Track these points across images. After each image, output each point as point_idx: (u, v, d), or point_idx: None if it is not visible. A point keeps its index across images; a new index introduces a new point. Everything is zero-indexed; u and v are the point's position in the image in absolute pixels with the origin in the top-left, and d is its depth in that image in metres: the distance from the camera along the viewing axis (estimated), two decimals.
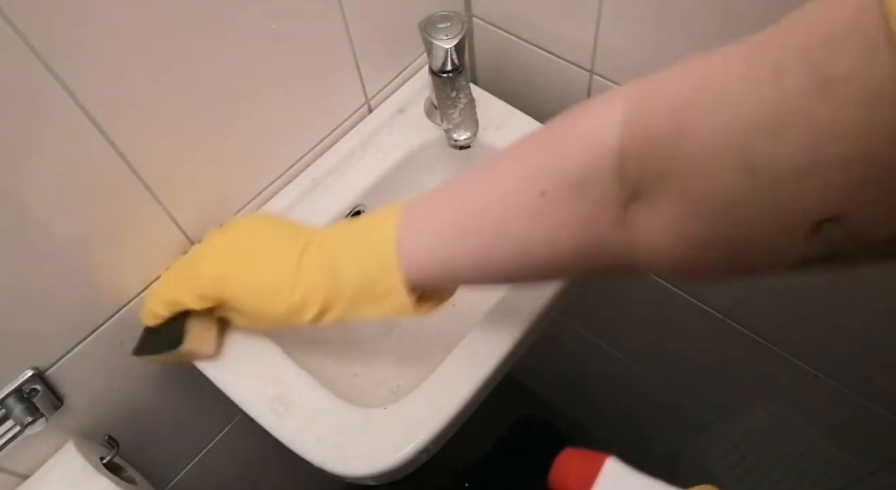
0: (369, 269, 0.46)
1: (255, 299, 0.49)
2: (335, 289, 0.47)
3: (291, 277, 0.48)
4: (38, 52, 0.42)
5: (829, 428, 0.87)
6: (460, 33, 0.60)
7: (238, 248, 0.52)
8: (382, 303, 0.47)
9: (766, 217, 0.29)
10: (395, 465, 0.51)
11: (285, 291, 0.48)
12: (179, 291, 0.52)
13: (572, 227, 0.38)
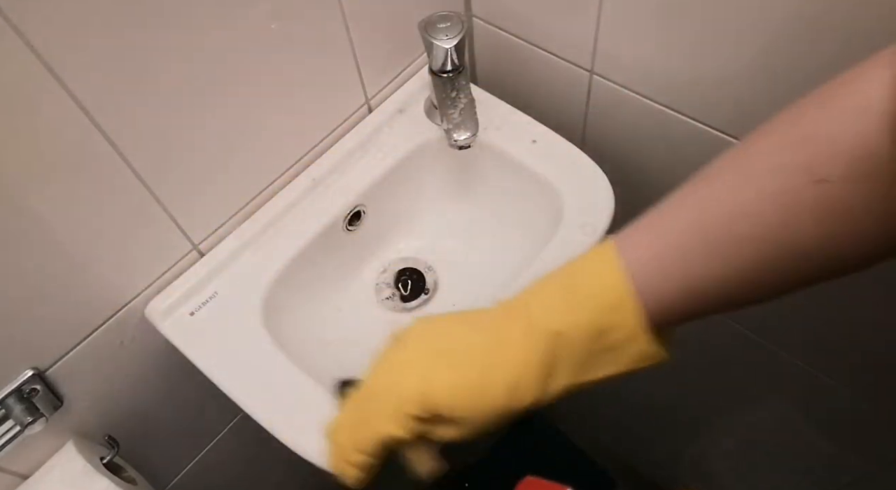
0: (594, 319, 0.38)
1: (466, 398, 0.40)
2: (555, 351, 0.39)
3: (498, 358, 0.40)
4: (38, 52, 0.42)
5: (829, 428, 0.87)
6: (460, 33, 0.60)
7: (428, 350, 0.43)
8: (620, 356, 0.38)
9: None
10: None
11: (496, 376, 0.39)
12: (385, 427, 0.42)
13: (865, 214, 0.32)
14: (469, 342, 0.41)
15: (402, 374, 0.43)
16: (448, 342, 0.43)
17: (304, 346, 0.64)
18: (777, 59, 0.53)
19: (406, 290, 0.72)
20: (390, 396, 0.43)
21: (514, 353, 0.39)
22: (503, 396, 0.39)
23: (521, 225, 0.72)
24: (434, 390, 0.41)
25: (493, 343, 0.40)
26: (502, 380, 0.39)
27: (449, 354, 0.42)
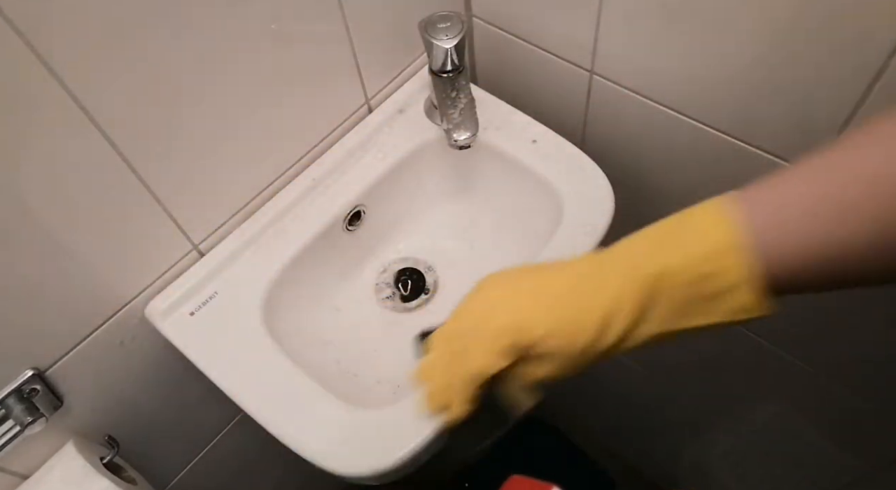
0: (697, 263, 0.36)
1: (559, 331, 0.39)
2: (651, 297, 0.37)
3: (592, 295, 0.38)
4: (38, 51, 0.42)
5: (829, 428, 0.87)
6: (460, 33, 0.60)
7: (517, 289, 0.43)
8: (719, 305, 0.36)
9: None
10: (394, 465, 0.51)
11: (589, 310, 0.38)
12: (479, 361, 0.41)
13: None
14: (561, 283, 0.41)
15: (493, 309, 0.43)
16: (538, 282, 0.42)
17: (304, 346, 0.64)
18: (777, 59, 0.53)
19: (406, 290, 0.72)
20: (485, 331, 0.42)
21: (610, 290, 0.38)
22: (595, 329, 0.38)
23: (521, 225, 0.72)
24: (528, 323, 0.40)
25: (586, 283, 0.39)
26: (597, 313, 0.38)
27: (540, 292, 0.41)
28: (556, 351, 0.40)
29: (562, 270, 0.41)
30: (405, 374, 0.65)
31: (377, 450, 0.51)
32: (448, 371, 0.43)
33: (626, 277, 0.38)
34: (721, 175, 0.66)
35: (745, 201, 0.36)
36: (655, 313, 0.38)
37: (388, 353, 0.68)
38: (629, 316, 0.38)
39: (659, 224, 0.39)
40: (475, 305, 0.45)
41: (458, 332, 0.44)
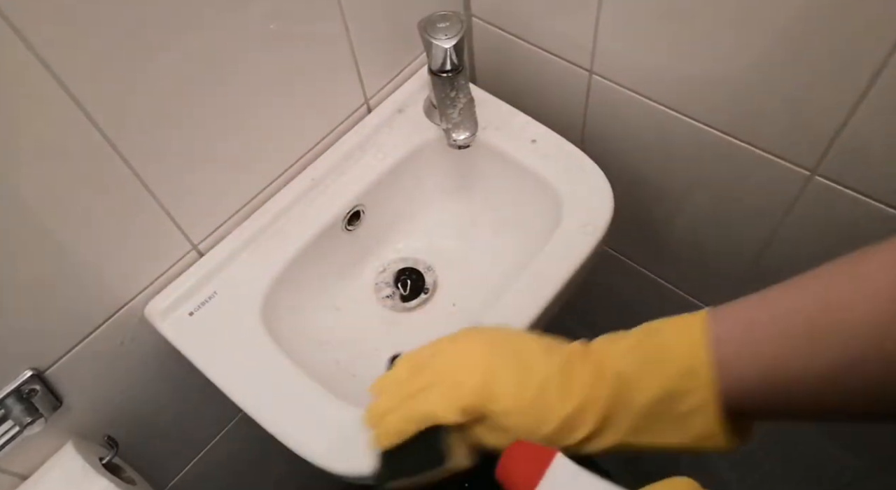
0: (667, 380, 0.36)
1: (520, 415, 0.40)
2: (618, 402, 0.38)
3: (560, 387, 0.39)
4: (40, 55, 0.42)
5: (829, 428, 0.87)
6: (460, 33, 0.60)
7: (497, 353, 0.43)
8: (684, 426, 0.37)
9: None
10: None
11: (555, 404, 0.39)
12: (432, 405, 0.42)
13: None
14: (538, 361, 0.41)
15: (469, 366, 0.43)
16: (520, 360, 0.42)
17: (304, 346, 0.64)
18: (777, 59, 0.53)
19: (405, 290, 0.72)
20: (453, 382, 0.42)
21: (579, 388, 0.39)
22: (553, 429, 0.39)
23: (520, 224, 0.72)
24: (497, 395, 0.40)
25: (561, 372, 0.40)
26: (562, 413, 0.39)
27: (517, 365, 0.41)
28: (514, 429, 0.40)
29: (545, 358, 0.41)
30: None
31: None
32: (399, 398, 0.44)
33: (595, 386, 0.39)
34: (720, 175, 0.66)
35: (718, 319, 0.37)
36: (619, 422, 0.38)
37: (387, 352, 0.68)
38: (591, 425, 0.38)
39: (637, 331, 0.40)
40: (453, 353, 0.45)
41: (427, 367, 0.44)
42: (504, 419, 0.40)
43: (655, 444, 0.38)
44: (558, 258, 0.60)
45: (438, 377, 0.43)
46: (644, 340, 0.39)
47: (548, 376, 0.40)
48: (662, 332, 0.39)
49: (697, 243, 0.77)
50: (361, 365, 0.66)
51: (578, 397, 0.39)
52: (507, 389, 0.41)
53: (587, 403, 0.39)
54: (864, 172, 0.55)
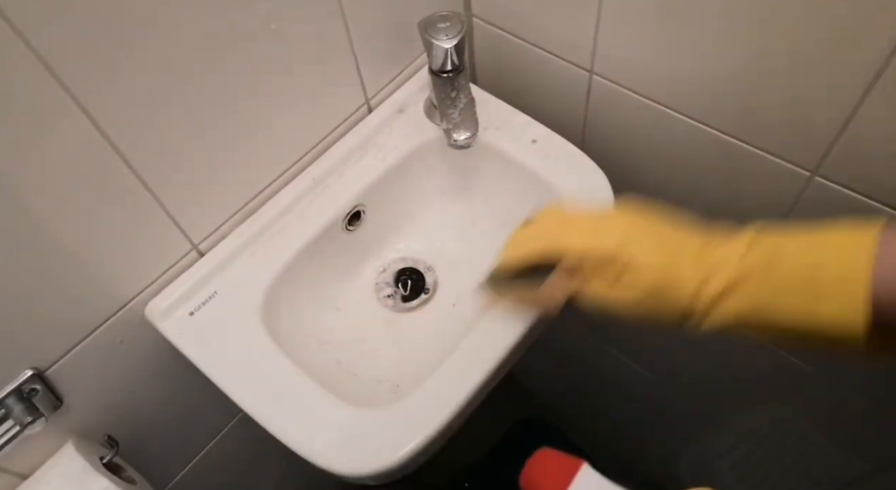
0: (823, 257, 0.35)
1: (655, 268, 0.41)
2: (757, 265, 0.37)
3: (696, 250, 0.41)
4: (41, 56, 0.42)
5: (829, 428, 0.87)
6: (460, 33, 0.60)
7: (639, 225, 0.46)
8: (824, 301, 0.35)
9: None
10: (394, 465, 0.51)
11: (689, 260, 0.40)
12: (568, 243, 0.46)
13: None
14: (679, 235, 0.43)
15: (609, 225, 0.47)
16: (661, 228, 0.45)
17: (304, 346, 0.64)
18: (777, 59, 0.53)
19: (406, 290, 0.72)
20: (591, 232, 0.46)
21: (718, 250, 0.40)
22: (689, 272, 0.40)
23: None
24: (631, 251, 0.43)
25: (700, 241, 0.42)
26: (693, 263, 0.40)
27: (658, 235, 0.44)
28: (643, 284, 0.42)
29: (686, 235, 0.44)
30: (405, 373, 0.65)
31: (377, 450, 0.51)
32: (542, 233, 0.49)
33: (734, 250, 0.39)
34: (721, 175, 0.66)
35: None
36: (751, 285, 0.38)
37: (387, 352, 0.68)
38: (724, 281, 0.38)
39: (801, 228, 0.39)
40: (598, 216, 0.49)
41: (572, 221, 0.49)
42: (636, 273, 0.42)
43: (787, 321, 0.36)
44: None
45: (580, 228, 0.47)
46: (807, 231, 0.38)
47: (686, 243, 0.42)
48: (837, 227, 0.37)
49: None
50: (361, 365, 0.66)
51: (715, 255, 0.39)
52: (646, 247, 0.43)
53: (723, 260, 0.38)
54: (866, 173, 0.55)
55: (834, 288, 0.35)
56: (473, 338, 0.56)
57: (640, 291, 0.43)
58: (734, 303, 0.39)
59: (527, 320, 0.57)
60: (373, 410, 0.54)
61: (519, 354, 0.58)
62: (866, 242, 0.35)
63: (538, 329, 0.59)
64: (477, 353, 0.55)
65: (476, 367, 0.54)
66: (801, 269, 0.36)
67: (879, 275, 0.34)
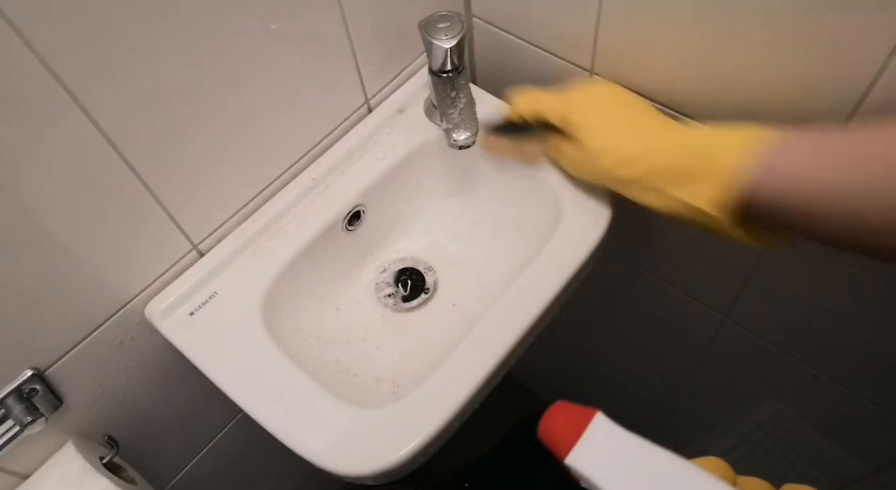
0: (715, 152, 0.46)
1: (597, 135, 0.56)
2: (671, 158, 0.49)
3: (638, 133, 0.54)
4: (41, 56, 0.42)
5: (829, 428, 0.87)
6: (460, 33, 0.60)
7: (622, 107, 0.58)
8: (703, 180, 0.47)
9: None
10: (394, 465, 0.51)
11: (626, 140, 0.54)
12: (559, 112, 0.59)
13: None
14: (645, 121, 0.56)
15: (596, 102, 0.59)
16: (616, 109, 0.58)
17: (304, 346, 0.64)
18: (778, 58, 0.53)
19: (406, 290, 0.72)
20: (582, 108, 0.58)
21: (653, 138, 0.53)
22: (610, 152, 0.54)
23: (520, 225, 0.72)
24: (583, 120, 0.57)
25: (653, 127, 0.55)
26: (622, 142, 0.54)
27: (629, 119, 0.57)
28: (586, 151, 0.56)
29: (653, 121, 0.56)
30: (405, 373, 0.65)
31: (377, 450, 0.51)
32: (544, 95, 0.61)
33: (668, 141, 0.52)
34: None
35: (791, 136, 0.45)
36: (653, 158, 0.51)
37: (387, 353, 0.68)
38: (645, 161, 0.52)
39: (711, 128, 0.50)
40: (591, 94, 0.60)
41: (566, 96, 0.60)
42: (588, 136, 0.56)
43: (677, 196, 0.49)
44: (558, 258, 0.60)
45: (573, 100, 0.59)
46: (723, 128, 0.49)
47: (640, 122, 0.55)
48: (742, 127, 0.47)
49: (698, 244, 0.77)
50: (361, 365, 0.66)
51: (644, 143, 0.53)
52: (597, 123, 0.56)
53: (647, 148, 0.52)
54: None
55: (712, 178, 0.46)
56: (473, 338, 0.56)
57: (583, 153, 0.57)
58: (643, 182, 0.52)
59: (526, 320, 0.57)
60: (373, 410, 0.54)
61: (518, 355, 0.58)
62: (756, 140, 0.45)
63: (538, 329, 0.59)
64: (477, 353, 0.55)
65: (476, 367, 0.54)
66: (698, 161, 0.48)
67: (756, 171, 0.44)
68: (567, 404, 0.38)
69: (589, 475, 0.35)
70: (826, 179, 0.41)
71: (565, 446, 0.36)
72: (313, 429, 0.53)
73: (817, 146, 0.43)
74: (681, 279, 0.85)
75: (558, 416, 0.37)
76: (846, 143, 0.42)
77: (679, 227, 0.76)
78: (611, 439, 0.36)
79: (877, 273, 0.62)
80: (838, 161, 0.41)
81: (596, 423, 0.36)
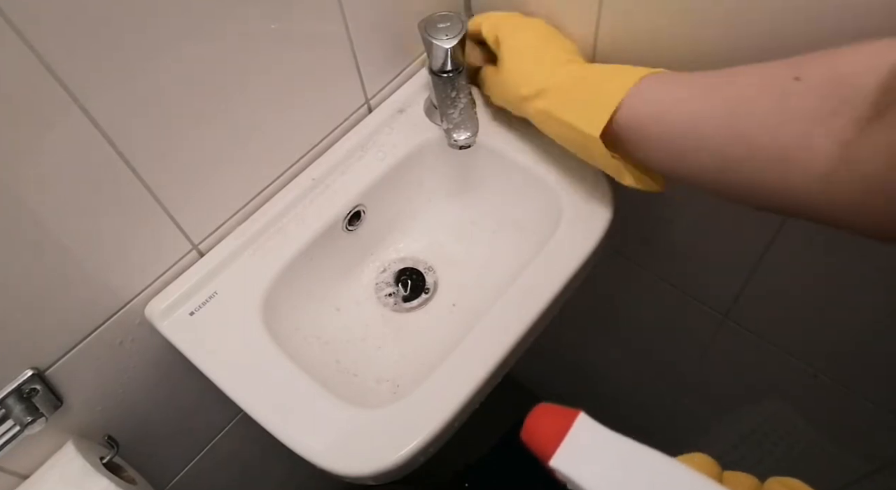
0: (604, 83, 0.52)
1: (512, 57, 0.60)
2: (565, 85, 0.55)
3: (547, 60, 0.59)
4: (41, 56, 0.42)
5: (829, 428, 0.87)
6: (460, 33, 0.60)
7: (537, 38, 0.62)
8: (584, 110, 0.52)
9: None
10: (394, 465, 0.51)
11: (532, 65, 0.59)
12: (493, 28, 0.63)
13: (804, 119, 0.39)
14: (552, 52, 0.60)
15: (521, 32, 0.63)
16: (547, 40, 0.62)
17: (304, 346, 0.64)
18: (778, 56, 0.53)
19: (406, 290, 0.72)
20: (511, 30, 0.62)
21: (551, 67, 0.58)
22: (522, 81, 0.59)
23: (520, 225, 0.72)
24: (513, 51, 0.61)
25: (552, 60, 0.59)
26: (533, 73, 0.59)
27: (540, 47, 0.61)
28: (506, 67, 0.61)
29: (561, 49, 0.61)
30: (405, 373, 0.65)
31: (377, 450, 0.51)
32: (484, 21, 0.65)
33: (564, 71, 0.57)
34: None
35: (666, 72, 0.51)
36: (553, 95, 0.56)
37: (388, 353, 0.68)
38: (537, 83, 0.58)
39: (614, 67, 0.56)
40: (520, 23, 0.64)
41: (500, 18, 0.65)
42: (506, 56, 0.60)
43: (562, 117, 0.54)
44: (558, 258, 0.60)
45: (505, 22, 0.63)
46: (620, 65, 0.55)
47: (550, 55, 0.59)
48: (636, 66, 0.53)
49: (699, 244, 0.77)
50: (361, 365, 0.66)
51: (548, 69, 0.57)
52: (524, 45, 0.61)
53: (548, 73, 0.57)
54: None
55: (594, 103, 0.51)
56: (473, 338, 0.56)
57: (499, 74, 0.62)
58: (537, 103, 0.57)
59: (527, 320, 0.57)
60: (373, 410, 0.54)
61: (518, 355, 0.58)
62: (639, 74, 0.50)
63: (538, 329, 0.59)
64: (477, 353, 0.55)
65: (476, 367, 0.54)
66: (587, 90, 0.53)
67: (627, 102, 0.49)
68: (549, 406, 0.38)
69: (574, 477, 0.34)
70: (683, 111, 0.46)
71: (549, 449, 0.35)
72: (313, 429, 0.53)
73: (680, 81, 0.48)
74: (681, 279, 0.85)
75: (541, 419, 0.37)
76: (703, 78, 0.47)
77: (679, 226, 0.76)
78: (594, 439, 0.36)
79: (877, 273, 0.62)
80: (691, 93, 0.46)
81: (579, 424, 0.36)
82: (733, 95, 0.44)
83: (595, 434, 0.36)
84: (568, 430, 0.36)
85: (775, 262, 0.70)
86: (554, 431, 0.36)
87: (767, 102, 0.41)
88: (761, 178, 0.42)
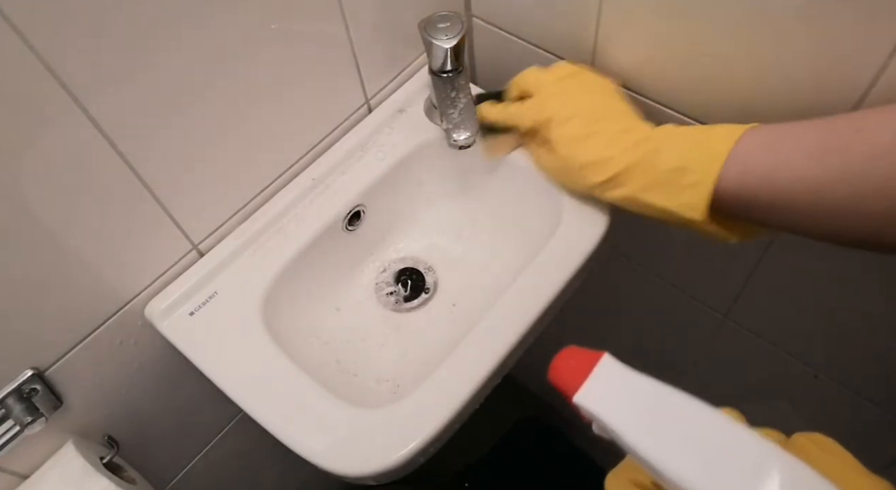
0: (688, 158, 0.47)
1: (567, 144, 0.55)
2: (641, 164, 0.50)
3: (606, 139, 0.52)
4: (41, 56, 0.42)
5: (829, 428, 0.87)
6: (460, 33, 0.60)
7: (587, 106, 0.57)
8: (680, 194, 0.47)
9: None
10: (394, 465, 0.51)
11: (593, 148, 0.53)
12: (523, 118, 0.60)
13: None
14: (606, 119, 0.55)
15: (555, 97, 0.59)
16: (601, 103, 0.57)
17: (304, 346, 0.64)
18: (779, 58, 0.53)
19: (406, 290, 0.72)
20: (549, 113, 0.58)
21: (619, 147, 0.52)
22: (581, 164, 0.54)
23: (520, 225, 0.72)
24: (567, 128, 0.56)
25: (616, 131, 0.53)
26: (590, 154, 0.53)
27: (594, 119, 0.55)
28: (560, 152, 0.56)
29: (621, 114, 0.56)
30: (405, 373, 0.65)
31: (377, 450, 0.51)
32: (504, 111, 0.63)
33: (636, 150, 0.51)
34: None
35: (761, 127, 0.46)
36: (633, 181, 0.51)
37: (388, 353, 0.68)
38: (610, 171, 0.52)
39: (700, 126, 0.51)
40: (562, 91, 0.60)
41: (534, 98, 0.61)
42: (558, 146, 0.56)
43: (654, 203, 0.50)
44: (558, 258, 0.60)
45: (532, 102, 0.60)
46: (694, 130, 0.49)
47: (609, 127, 0.53)
48: (711, 128, 0.48)
49: (699, 244, 0.77)
50: (361, 365, 0.66)
51: (611, 151, 0.51)
52: (571, 126, 0.55)
53: (616, 156, 0.51)
54: None
55: (688, 184, 0.47)
56: (473, 338, 0.56)
57: (557, 162, 0.58)
58: (617, 191, 0.52)
59: (527, 320, 0.57)
60: (373, 410, 0.54)
61: (518, 355, 0.58)
62: (727, 143, 0.45)
63: (538, 329, 0.59)
64: (477, 353, 0.55)
65: (476, 367, 0.54)
66: (670, 165, 0.48)
67: (727, 173, 0.45)
68: (576, 348, 0.40)
69: (597, 412, 0.36)
70: (784, 178, 0.43)
71: (573, 386, 0.37)
72: (313, 429, 0.53)
73: (781, 139, 0.44)
74: (681, 279, 0.85)
75: (567, 359, 0.39)
76: (806, 133, 0.43)
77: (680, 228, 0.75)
78: (618, 377, 0.37)
79: (877, 273, 0.62)
80: (792, 156, 0.43)
81: (603, 363, 0.38)
82: (831, 152, 0.41)
83: (619, 372, 0.37)
84: (592, 368, 0.37)
85: (775, 262, 0.70)
86: (579, 370, 0.38)
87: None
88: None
